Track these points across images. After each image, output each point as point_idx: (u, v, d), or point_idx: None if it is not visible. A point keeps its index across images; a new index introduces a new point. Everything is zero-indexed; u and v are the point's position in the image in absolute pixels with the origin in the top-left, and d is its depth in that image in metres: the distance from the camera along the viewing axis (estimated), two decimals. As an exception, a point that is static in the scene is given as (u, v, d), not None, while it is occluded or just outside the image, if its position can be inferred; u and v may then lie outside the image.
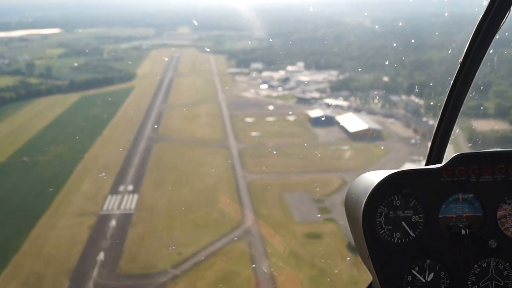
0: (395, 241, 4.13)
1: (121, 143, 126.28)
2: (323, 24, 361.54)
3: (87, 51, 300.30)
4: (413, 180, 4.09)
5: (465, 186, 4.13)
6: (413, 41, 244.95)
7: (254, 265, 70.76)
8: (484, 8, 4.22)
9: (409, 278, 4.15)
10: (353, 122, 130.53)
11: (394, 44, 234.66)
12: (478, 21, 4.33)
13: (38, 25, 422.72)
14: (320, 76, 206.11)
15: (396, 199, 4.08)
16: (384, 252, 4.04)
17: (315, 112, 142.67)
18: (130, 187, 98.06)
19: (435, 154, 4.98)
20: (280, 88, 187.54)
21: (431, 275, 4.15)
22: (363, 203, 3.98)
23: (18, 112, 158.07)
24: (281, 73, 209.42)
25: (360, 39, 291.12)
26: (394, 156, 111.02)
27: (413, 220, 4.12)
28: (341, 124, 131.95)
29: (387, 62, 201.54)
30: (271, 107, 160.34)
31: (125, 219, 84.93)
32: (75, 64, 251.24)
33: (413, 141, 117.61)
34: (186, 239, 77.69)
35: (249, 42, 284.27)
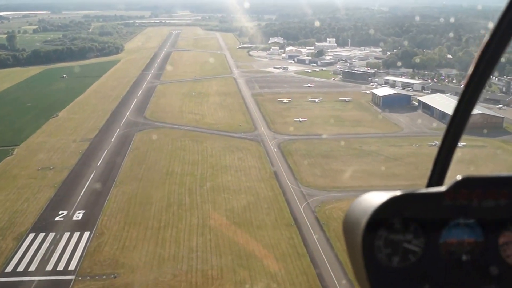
0: (394, 265, 3.72)
1: (81, 131, 74.50)
2: (339, 8, 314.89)
3: (68, 27, 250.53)
4: (415, 203, 3.73)
5: (467, 211, 3.77)
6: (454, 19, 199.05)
7: None
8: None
9: None
10: (449, 105, 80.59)
11: (452, 20, 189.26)
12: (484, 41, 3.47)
13: (25, 7, 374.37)
14: (360, 52, 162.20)
15: (397, 222, 3.70)
16: (382, 276, 3.69)
17: (383, 91, 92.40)
18: (77, 216, 47.38)
19: (437, 175, 4.25)
20: (313, 64, 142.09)
21: None
22: (363, 225, 3.62)
23: None
24: (310, 48, 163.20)
25: (389, 20, 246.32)
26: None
27: (413, 244, 3.75)
28: (433, 108, 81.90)
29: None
30: (309, 85, 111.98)
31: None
32: (49, 38, 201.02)
33: None
34: None
35: (264, 18, 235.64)
